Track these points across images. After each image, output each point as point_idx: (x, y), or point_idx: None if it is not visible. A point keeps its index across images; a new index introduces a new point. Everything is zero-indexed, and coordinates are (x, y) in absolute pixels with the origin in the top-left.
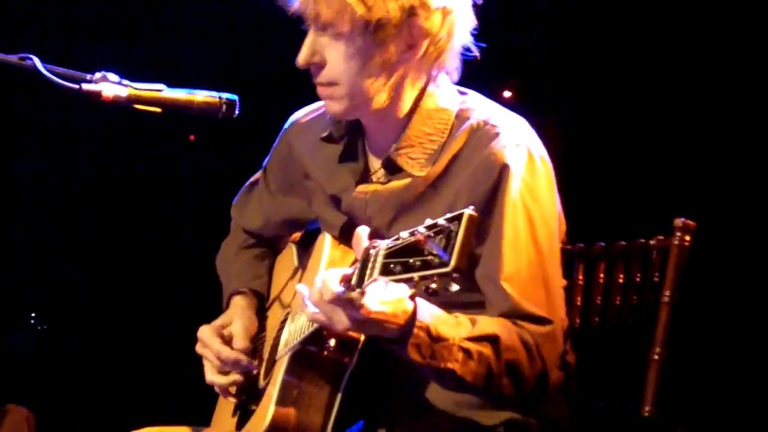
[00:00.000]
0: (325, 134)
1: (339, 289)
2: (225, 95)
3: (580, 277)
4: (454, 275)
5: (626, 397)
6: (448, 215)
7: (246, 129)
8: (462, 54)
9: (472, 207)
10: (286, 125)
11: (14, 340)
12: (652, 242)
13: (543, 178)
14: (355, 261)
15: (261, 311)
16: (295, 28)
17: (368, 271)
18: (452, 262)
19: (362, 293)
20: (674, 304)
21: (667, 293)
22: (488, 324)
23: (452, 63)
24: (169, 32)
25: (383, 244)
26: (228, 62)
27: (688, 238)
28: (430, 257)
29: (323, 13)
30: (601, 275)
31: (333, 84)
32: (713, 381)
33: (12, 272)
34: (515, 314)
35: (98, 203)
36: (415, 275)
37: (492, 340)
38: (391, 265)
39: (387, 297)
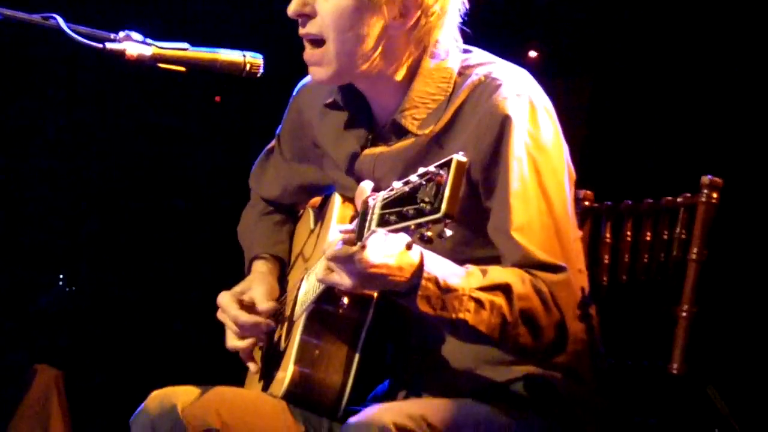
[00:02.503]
0: (329, 101)
1: (339, 245)
2: (249, 54)
3: (608, 235)
4: (447, 221)
5: (655, 355)
6: (438, 162)
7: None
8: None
9: (462, 153)
10: (294, 92)
11: (43, 301)
12: (679, 200)
13: (547, 128)
14: (357, 215)
15: (282, 276)
16: None
17: (367, 224)
18: (443, 208)
19: (363, 247)
20: (702, 261)
21: (695, 250)
22: (500, 273)
23: (447, 37)
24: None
25: (380, 196)
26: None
27: (715, 195)
28: (422, 205)
29: None
30: (629, 233)
31: (320, 40)
32: (742, 339)
33: (40, 235)
34: (527, 263)
35: (122, 176)
36: (411, 223)
37: (504, 288)
38: (387, 216)
39: (388, 249)
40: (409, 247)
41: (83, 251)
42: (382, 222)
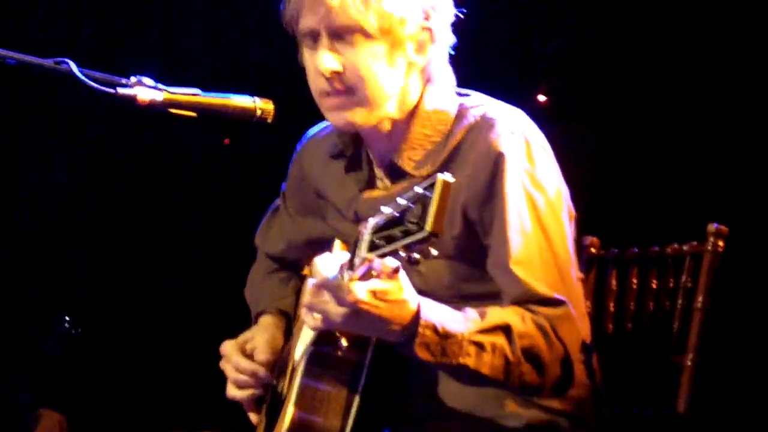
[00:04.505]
0: (333, 151)
1: (328, 274)
2: (260, 99)
3: (614, 283)
4: (432, 239)
5: (659, 404)
6: (425, 183)
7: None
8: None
9: (447, 173)
10: (298, 147)
11: (48, 345)
12: (685, 248)
13: (543, 165)
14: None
15: (288, 329)
16: None
17: (357, 251)
18: (427, 226)
19: (351, 279)
20: (707, 310)
21: (701, 299)
22: (499, 314)
23: (445, 66)
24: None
25: (370, 222)
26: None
27: (721, 243)
28: (409, 225)
29: (354, 15)
30: (635, 281)
31: (350, 91)
32: (747, 387)
33: (45, 277)
34: (527, 298)
35: (127, 206)
36: (399, 245)
37: (504, 329)
38: (376, 240)
39: (379, 286)
40: (396, 271)
41: (88, 294)
42: (372, 247)
